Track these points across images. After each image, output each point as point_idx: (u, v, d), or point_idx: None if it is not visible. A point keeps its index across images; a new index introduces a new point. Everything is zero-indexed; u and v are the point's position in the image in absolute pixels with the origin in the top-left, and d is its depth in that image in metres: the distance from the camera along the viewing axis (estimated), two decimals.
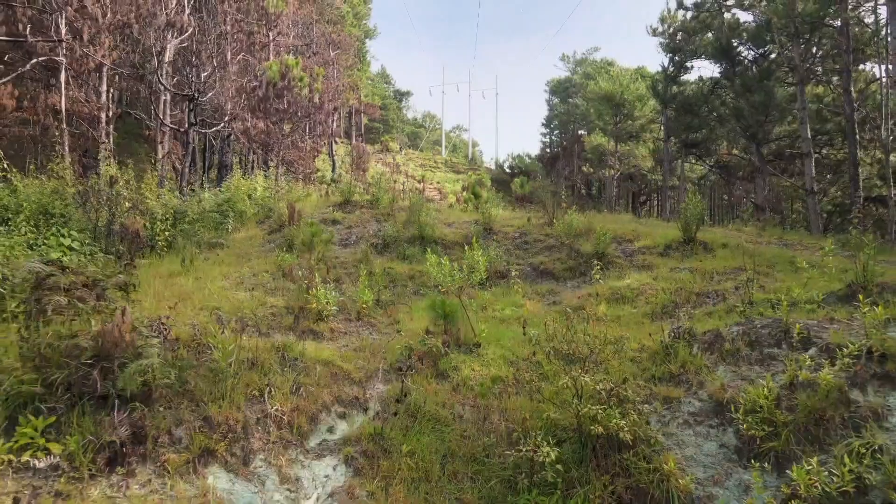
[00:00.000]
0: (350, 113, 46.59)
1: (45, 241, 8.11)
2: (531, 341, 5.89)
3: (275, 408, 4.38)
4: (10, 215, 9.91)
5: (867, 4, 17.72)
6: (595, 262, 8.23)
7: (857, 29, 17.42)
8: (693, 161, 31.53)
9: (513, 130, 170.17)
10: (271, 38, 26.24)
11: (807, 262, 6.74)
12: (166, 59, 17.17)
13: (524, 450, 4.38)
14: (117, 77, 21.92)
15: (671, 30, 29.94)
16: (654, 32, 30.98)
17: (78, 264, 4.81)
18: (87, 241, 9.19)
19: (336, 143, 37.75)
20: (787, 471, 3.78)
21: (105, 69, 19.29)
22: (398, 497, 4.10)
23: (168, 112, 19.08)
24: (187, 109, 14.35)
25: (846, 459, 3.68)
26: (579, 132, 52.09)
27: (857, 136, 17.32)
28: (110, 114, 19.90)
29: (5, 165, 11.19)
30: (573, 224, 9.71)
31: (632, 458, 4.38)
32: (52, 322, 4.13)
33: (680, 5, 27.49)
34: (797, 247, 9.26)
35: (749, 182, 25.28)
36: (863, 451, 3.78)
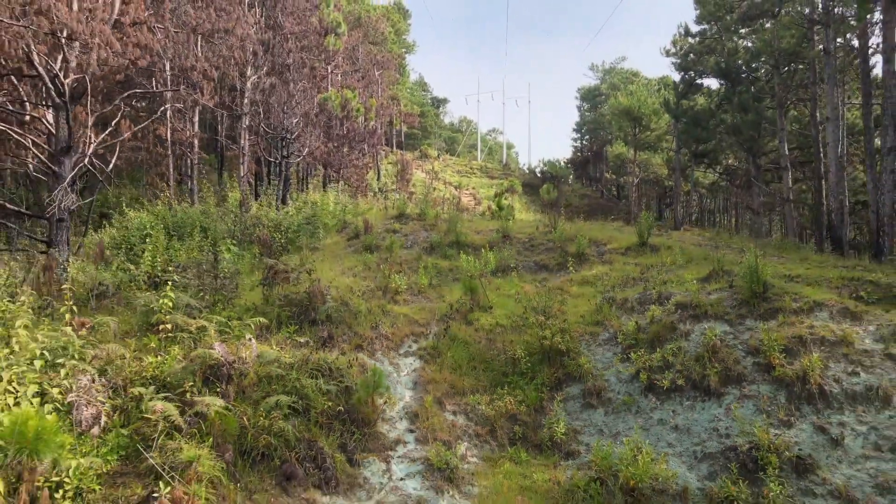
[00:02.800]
0: (391, 122, 51.20)
1: (217, 247, 12.73)
2: (522, 305, 10.05)
3: (384, 331, 8.73)
4: (178, 230, 14.74)
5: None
6: (572, 259, 12.35)
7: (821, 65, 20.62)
8: (703, 170, 34.71)
9: (547, 128, 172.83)
10: (329, 70, 31.12)
11: (705, 257, 10.71)
12: (247, 95, 22.12)
13: (509, 353, 8.59)
14: (206, 111, 27.34)
15: (682, 51, 33.24)
16: (668, 53, 34.33)
17: (282, 260, 9.25)
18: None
19: (380, 152, 42.42)
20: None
21: (198, 105, 24.70)
22: (445, 374, 8.36)
23: (247, 138, 24.20)
24: (280, 146, 19.06)
25: (658, 350, 7.74)
26: (608, 137, 55.26)
27: (822, 154, 20.61)
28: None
29: (170, 194, 16.09)
30: (564, 232, 13.80)
31: (566, 360, 8.50)
32: (276, 286, 8.60)
33: (687, 32, 30.86)
34: (723, 247, 13.04)
35: (746, 190, 28.45)
36: (671, 348, 7.80)
